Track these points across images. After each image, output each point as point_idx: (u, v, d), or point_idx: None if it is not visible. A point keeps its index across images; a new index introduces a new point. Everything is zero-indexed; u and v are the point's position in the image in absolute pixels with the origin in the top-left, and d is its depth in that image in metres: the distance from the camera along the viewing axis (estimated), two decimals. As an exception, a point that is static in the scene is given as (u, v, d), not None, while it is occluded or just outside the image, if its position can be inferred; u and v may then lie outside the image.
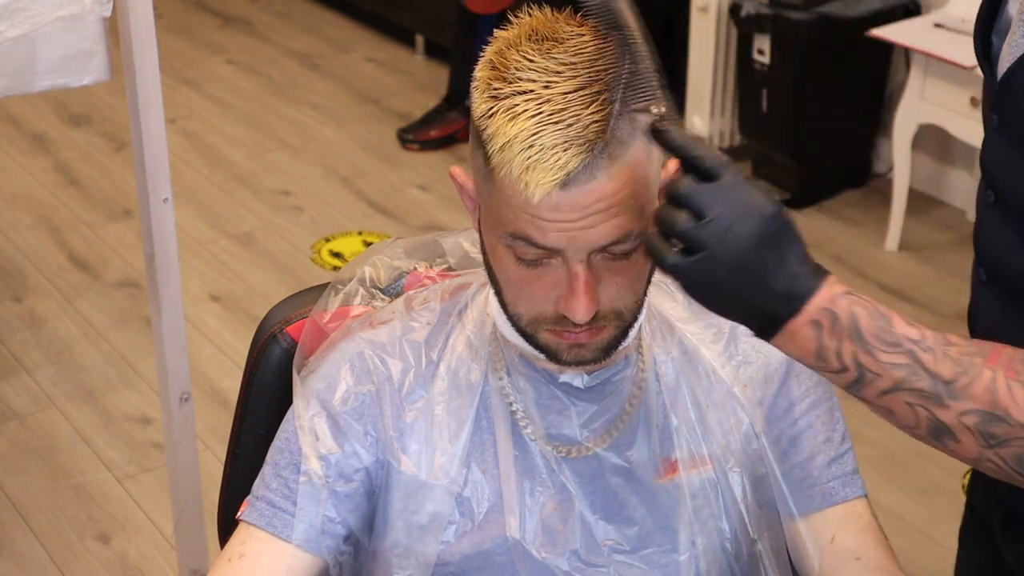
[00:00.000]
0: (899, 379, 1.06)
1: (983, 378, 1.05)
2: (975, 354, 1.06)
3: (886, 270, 3.70)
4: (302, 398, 1.28)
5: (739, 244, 1.04)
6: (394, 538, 1.28)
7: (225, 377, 3.21)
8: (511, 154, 1.10)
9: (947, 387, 1.05)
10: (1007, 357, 1.06)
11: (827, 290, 1.07)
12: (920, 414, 1.07)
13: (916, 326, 1.08)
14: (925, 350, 1.06)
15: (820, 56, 3.80)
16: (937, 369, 1.06)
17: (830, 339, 1.07)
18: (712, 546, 1.29)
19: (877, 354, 1.07)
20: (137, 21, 1.99)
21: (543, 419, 1.27)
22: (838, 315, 1.07)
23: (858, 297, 1.08)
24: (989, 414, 1.05)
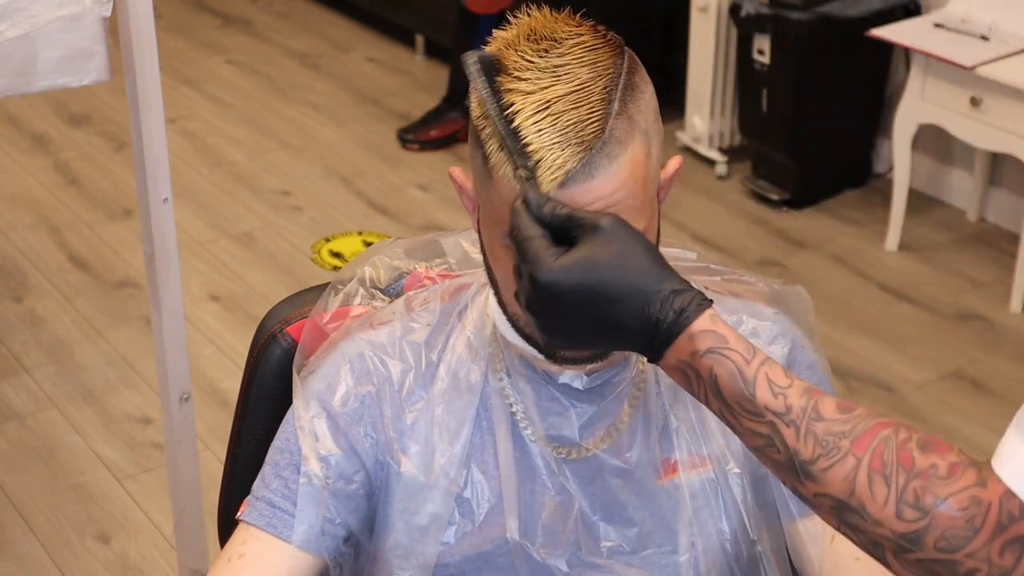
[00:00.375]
0: (760, 446, 1.01)
1: (845, 465, 0.97)
2: (843, 435, 0.98)
3: (886, 270, 3.70)
4: (302, 399, 1.28)
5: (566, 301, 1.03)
6: (394, 539, 1.28)
7: (225, 377, 3.21)
8: (508, 153, 1.10)
9: (804, 466, 0.98)
10: (879, 441, 0.97)
11: (686, 344, 1.01)
12: (783, 479, 1.02)
13: (783, 393, 1.00)
14: (788, 424, 0.99)
15: (820, 56, 3.81)
16: (797, 446, 0.99)
17: (698, 390, 1.03)
18: (712, 547, 1.29)
19: (739, 418, 1.01)
20: (137, 21, 1.99)
21: (543, 420, 1.27)
22: (700, 373, 1.02)
23: (721, 354, 1.01)
24: (844, 504, 0.97)
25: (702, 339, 1.01)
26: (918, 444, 0.97)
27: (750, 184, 4.05)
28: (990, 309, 3.52)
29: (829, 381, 1.34)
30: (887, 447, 0.97)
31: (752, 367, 1.01)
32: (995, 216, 3.90)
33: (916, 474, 0.95)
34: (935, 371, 3.28)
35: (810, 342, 1.34)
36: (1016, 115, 3.35)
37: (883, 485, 0.96)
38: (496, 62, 1.13)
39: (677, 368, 1.03)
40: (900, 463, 0.96)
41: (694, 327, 1.01)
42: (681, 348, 1.02)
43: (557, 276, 1.02)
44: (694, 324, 1.01)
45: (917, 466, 0.95)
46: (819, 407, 0.99)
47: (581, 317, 1.03)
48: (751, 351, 1.02)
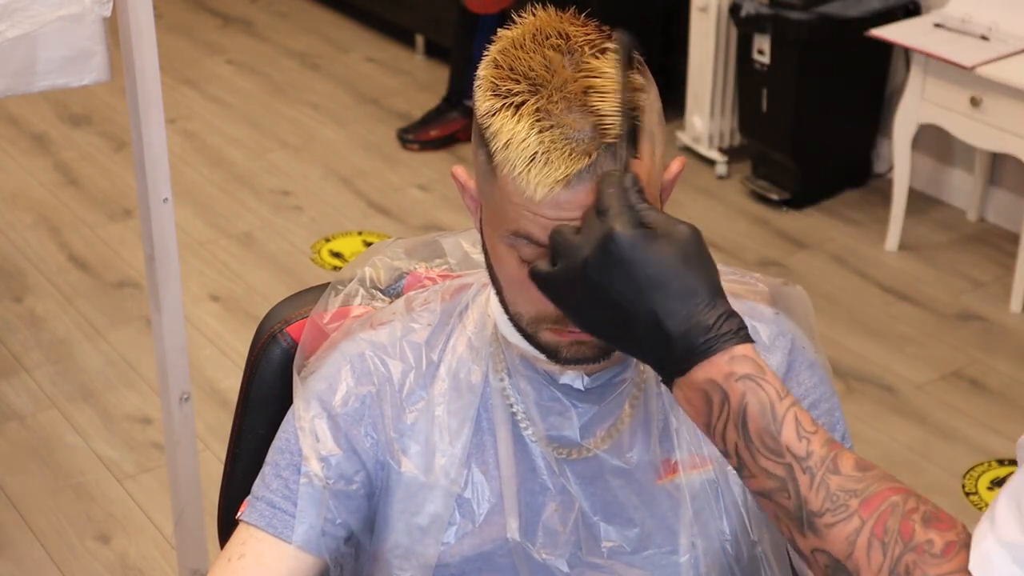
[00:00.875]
0: (770, 489, 0.99)
1: (849, 525, 0.96)
2: (854, 493, 0.97)
3: (886, 270, 3.70)
4: (302, 399, 1.28)
5: (609, 256, 1.01)
6: (395, 539, 1.28)
7: (225, 377, 3.21)
8: (514, 151, 1.10)
9: (810, 518, 0.97)
10: (886, 507, 0.96)
11: (725, 363, 0.99)
12: (782, 528, 1.00)
13: (807, 437, 0.98)
14: (805, 470, 0.98)
15: (820, 56, 3.81)
16: (808, 495, 0.97)
17: (718, 418, 1.01)
18: (712, 548, 1.28)
19: (756, 455, 0.99)
20: (137, 21, 1.99)
21: (544, 420, 1.27)
22: (729, 397, 0.99)
23: (758, 383, 0.99)
24: (840, 564, 0.96)
25: (742, 363, 1.00)
26: (923, 516, 0.96)
27: (750, 184, 4.05)
28: (990, 309, 3.52)
29: (829, 381, 1.34)
30: (893, 514, 0.96)
31: (784, 405, 1.00)
32: (995, 216, 3.90)
33: (912, 547, 0.94)
34: (935, 371, 3.28)
35: (810, 342, 1.34)
36: (1016, 115, 3.35)
37: (880, 553, 0.95)
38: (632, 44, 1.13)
39: (701, 387, 1.01)
40: (901, 533, 0.95)
41: (737, 349, 1.00)
42: (717, 366, 1.00)
43: (636, 239, 1.01)
44: (738, 347, 1.00)
45: (915, 539, 0.95)
46: (838, 460, 0.98)
47: (625, 297, 1.01)
48: (785, 390, 1.00)
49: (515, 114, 1.10)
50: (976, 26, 3.53)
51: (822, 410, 1.31)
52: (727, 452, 1.02)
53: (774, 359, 1.31)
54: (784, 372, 1.31)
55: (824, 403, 1.32)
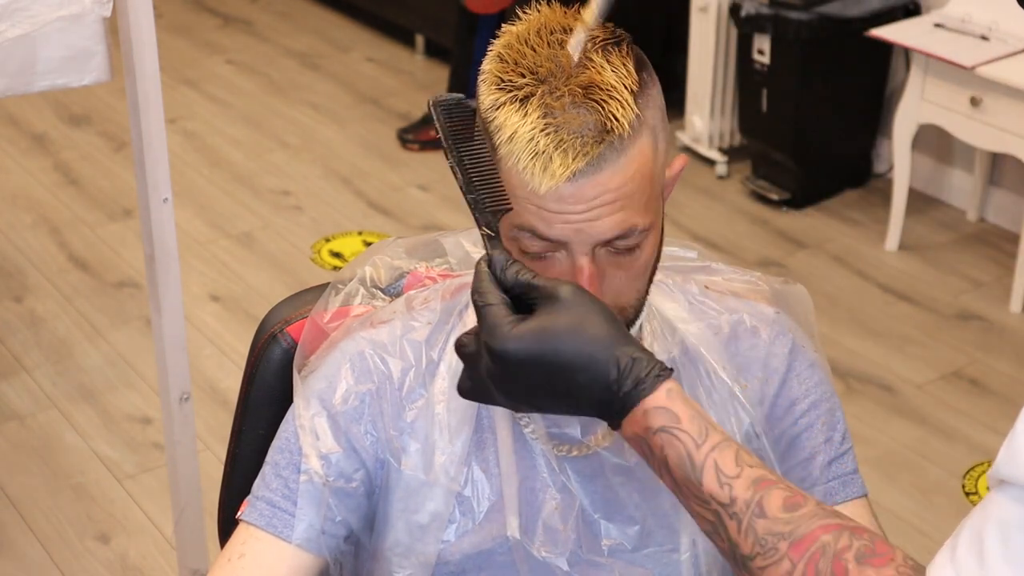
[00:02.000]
0: (707, 531, 1.00)
1: (780, 568, 0.95)
2: (782, 536, 0.95)
3: (886, 270, 3.70)
4: (302, 398, 1.28)
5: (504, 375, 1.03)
6: (395, 537, 1.28)
7: (225, 377, 3.21)
8: (519, 144, 1.11)
9: (744, 561, 0.97)
10: (816, 548, 0.95)
11: (640, 418, 1.00)
12: (731, 565, 1.01)
13: (729, 483, 0.98)
14: (731, 516, 0.97)
15: (820, 56, 3.81)
16: (738, 539, 0.97)
17: (653, 465, 1.02)
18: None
19: (689, 501, 1.00)
20: (137, 21, 1.99)
21: (544, 418, 1.27)
22: (652, 450, 1.00)
23: (673, 435, 0.99)
24: None
25: (655, 416, 1.00)
26: (856, 554, 0.94)
27: (750, 184, 4.05)
28: (990, 309, 3.52)
29: (829, 381, 1.34)
30: (823, 555, 0.94)
31: (702, 452, 0.99)
32: (995, 216, 3.90)
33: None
34: (935, 371, 3.28)
35: (810, 342, 1.34)
36: (1016, 115, 3.35)
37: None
38: (463, 103, 1.13)
39: (634, 439, 1.02)
40: (833, 573, 0.94)
41: (648, 402, 1.00)
42: (636, 421, 1.00)
43: (512, 345, 1.01)
44: (648, 399, 1.00)
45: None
46: (763, 503, 0.97)
47: (539, 386, 1.02)
48: (704, 433, 1.00)
49: (520, 108, 1.11)
50: (976, 26, 3.53)
51: (822, 410, 1.31)
52: (673, 492, 1.03)
53: (775, 359, 1.31)
54: (785, 372, 1.31)
55: (824, 403, 1.32)
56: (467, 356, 1.07)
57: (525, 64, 1.12)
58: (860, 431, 3.05)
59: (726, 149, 4.17)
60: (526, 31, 1.15)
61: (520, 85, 1.12)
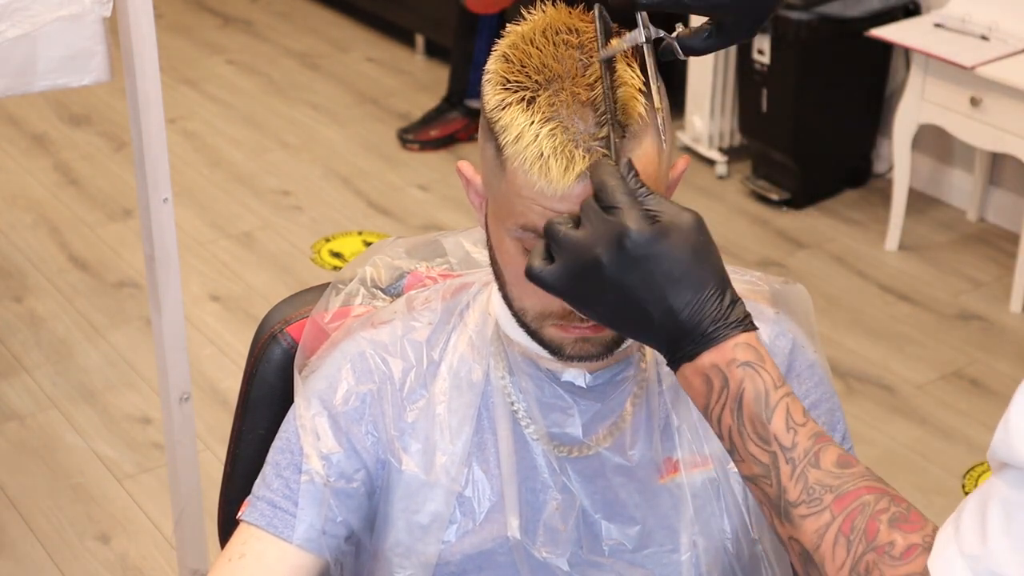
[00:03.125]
0: (756, 475, 1.02)
1: (820, 519, 0.99)
2: (830, 489, 0.99)
3: (886, 270, 3.70)
4: (303, 398, 1.28)
5: (596, 261, 1.02)
6: (395, 537, 1.28)
7: (225, 377, 3.21)
8: (525, 145, 1.10)
9: (787, 507, 1.00)
10: (857, 505, 0.98)
11: (730, 350, 1.02)
12: (765, 512, 1.03)
13: (795, 428, 1.01)
14: (788, 460, 1.00)
15: (820, 56, 3.81)
16: (787, 485, 1.00)
17: (716, 402, 1.03)
18: (713, 546, 1.28)
19: (747, 441, 1.02)
20: (137, 21, 1.99)
21: (545, 418, 1.27)
22: (729, 382, 1.02)
23: (757, 371, 1.02)
24: (809, 556, 0.99)
25: (745, 350, 1.03)
26: (891, 517, 0.97)
27: (750, 184, 4.05)
28: (990, 309, 3.52)
29: (829, 381, 1.34)
30: (862, 513, 0.98)
31: (778, 394, 1.02)
32: (995, 216, 3.90)
33: (874, 547, 0.96)
34: (935, 371, 3.28)
35: (811, 342, 1.34)
36: (1016, 115, 3.35)
37: (845, 549, 0.97)
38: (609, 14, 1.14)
39: (705, 372, 1.03)
40: (866, 532, 0.97)
41: (741, 337, 1.03)
42: (722, 352, 1.02)
43: (648, 236, 1.02)
44: (742, 335, 1.03)
45: (878, 539, 0.96)
46: (820, 454, 1.00)
47: (637, 289, 1.03)
48: (781, 380, 1.03)
49: (526, 108, 1.11)
50: (976, 26, 3.53)
51: (822, 410, 1.31)
52: (721, 435, 1.04)
53: (775, 359, 1.30)
54: (784, 372, 1.31)
55: (824, 403, 1.32)
56: (568, 235, 1.05)
57: (531, 64, 1.12)
58: (860, 431, 3.05)
59: (726, 149, 4.17)
60: (531, 31, 1.15)
61: (526, 85, 1.11)
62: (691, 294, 1.02)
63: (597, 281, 1.04)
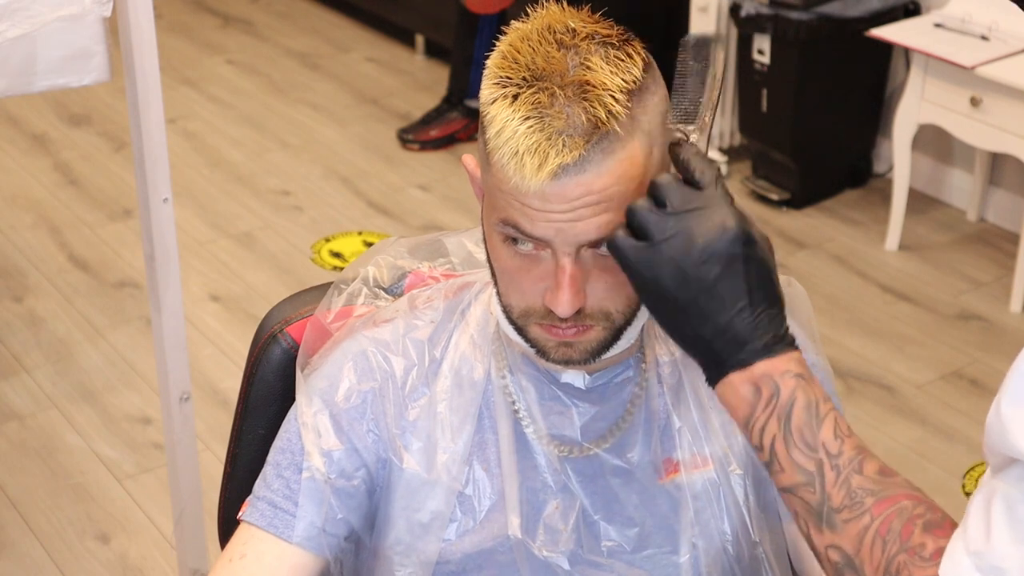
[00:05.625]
0: (797, 483, 1.05)
1: (861, 522, 1.01)
2: (871, 493, 1.02)
3: (886, 270, 3.70)
4: (305, 396, 1.28)
5: (684, 247, 1.06)
6: (395, 536, 1.28)
7: (225, 377, 3.21)
8: (505, 140, 1.11)
9: (830, 514, 1.03)
10: (895, 509, 1.01)
11: (782, 362, 1.06)
12: (801, 524, 1.05)
13: (842, 438, 1.05)
14: (833, 467, 1.03)
15: (820, 56, 3.81)
16: (831, 491, 1.03)
17: (762, 411, 1.06)
18: (713, 548, 1.28)
19: (791, 449, 1.05)
20: (137, 21, 1.99)
21: (545, 419, 1.27)
22: (780, 391, 1.06)
23: (808, 384, 1.06)
24: (849, 560, 1.01)
25: (797, 364, 1.07)
26: (925, 522, 1.00)
27: (750, 184, 4.05)
28: (990, 309, 3.52)
29: (830, 382, 1.34)
30: (899, 516, 1.01)
31: (826, 407, 1.06)
32: (995, 216, 3.90)
33: (906, 548, 0.99)
34: (935, 371, 3.28)
35: (811, 343, 1.34)
36: (1016, 115, 3.35)
37: (880, 550, 1.00)
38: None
39: (755, 381, 1.06)
40: (901, 534, 1.00)
41: (794, 354, 1.07)
42: (776, 363, 1.06)
43: (752, 239, 1.07)
44: (795, 352, 1.07)
45: (911, 541, 0.99)
46: (863, 463, 1.04)
47: (731, 289, 1.06)
48: (827, 397, 1.07)
49: (511, 104, 1.11)
50: (976, 26, 3.53)
51: (823, 410, 1.31)
52: (761, 445, 1.06)
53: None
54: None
55: (825, 403, 1.32)
56: (663, 221, 1.07)
57: (522, 62, 1.12)
58: (860, 431, 3.02)
59: (726, 149, 4.17)
60: (530, 30, 1.15)
61: (514, 81, 1.12)
62: (768, 306, 1.07)
63: (681, 270, 1.06)
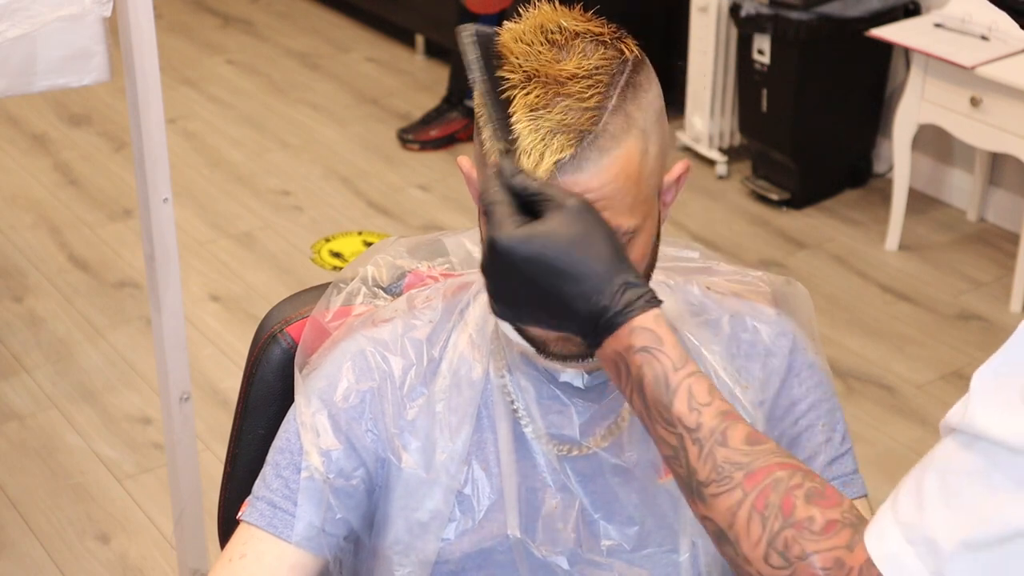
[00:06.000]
0: (667, 456, 1.03)
1: (732, 496, 0.98)
2: (739, 466, 0.99)
3: (886, 270, 3.70)
4: (303, 396, 1.28)
5: (489, 250, 1.06)
6: (394, 535, 1.28)
7: (225, 377, 3.21)
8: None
9: (698, 487, 1.01)
10: (770, 481, 0.98)
11: (626, 336, 1.03)
12: (683, 494, 1.04)
13: (698, 409, 1.01)
14: (694, 441, 1.01)
15: (820, 56, 3.81)
16: (696, 465, 1.00)
17: (625, 386, 1.05)
18: (712, 546, 1.28)
19: (655, 424, 1.03)
20: (137, 21, 1.99)
21: (544, 418, 1.27)
22: (630, 368, 1.04)
23: (654, 355, 1.03)
24: (724, 533, 0.99)
25: (640, 336, 1.03)
26: (806, 493, 0.97)
27: (750, 184, 4.05)
28: (990, 309, 3.52)
29: (829, 381, 1.34)
30: (775, 489, 0.98)
31: (678, 376, 1.03)
32: (995, 216, 3.90)
33: (792, 523, 0.96)
34: (935, 371, 3.28)
35: (811, 342, 1.34)
36: (1016, 115, 3.35)
37: (760, 525, 0.97)
38: (494, 35, 1.16)
39: (612, 359, 1.05)
40: (781, 508, 0.97)
41: (636, 322, 1.03)
42: (620, 339, 1.04)
43: (514, 243, 1.04)
44: (636, 319, 1.03)
45: (795, 515, 0.96)
46: (727, 433, 1.00)
47: (531, 290, 1.05)
48: (683, 360, 1.03)
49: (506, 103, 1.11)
50: (976, 26, 3.53)
51: (823, 410, 1.31)
52: (639, 417, 1.06)
53: (775, 359, 1.31)
54: (785, 372, 1.31)
55: (824, 403, 1.32)
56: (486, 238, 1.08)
57: (515, 61, 1.12)
58: (860, 431, 3.05)
59: (726, 149, 4.17)
60: (522, 29, 1.15)
61: (508, 82, 1.12)
62: (575, 287, 1.04)
63: (489, 283, 1.08)
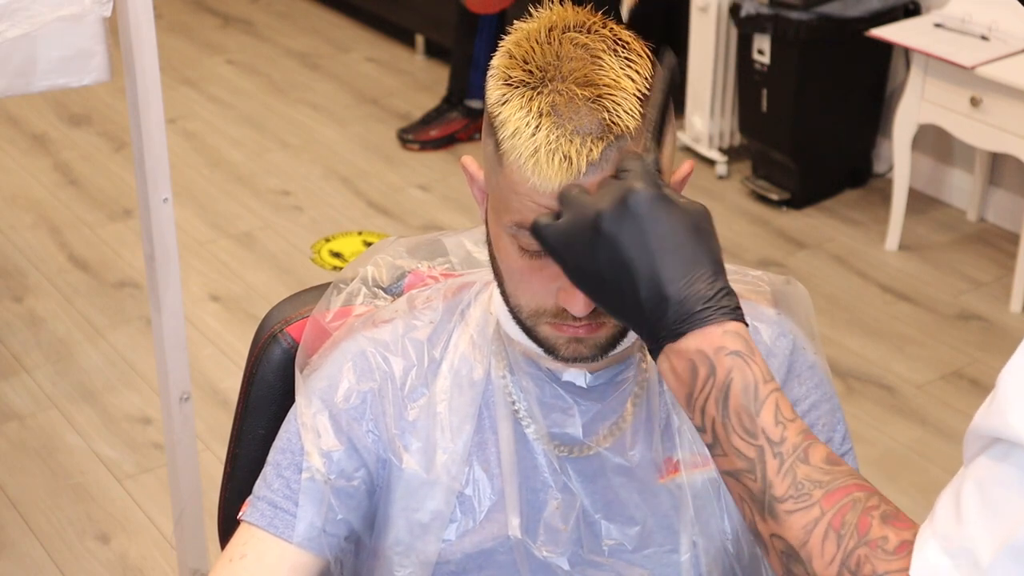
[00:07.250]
0: (739, 469, 1.00)
1: (809, 514, 0.97)
2: (819, 484, 0.97)
3: (886, 270, 3.70)
4: (304, 396, 1.28)
5: (590, 218, 1.03)
6: (395, 536, 1.28)
7: (225, 377, 3.21)
8: (521, 141, 1.10)
9: (772, 503, 0.98)
10: (848, 501, 0.97)
11: (718, 336, 1.00)
12: (744, 510, 1.01)
13: (784, 423, 0.99)
14: (775, 455, 0.98)
15: (820, 56, 3.81)
16: (774, 479, 0.98)
17: (700, 391, 1.01)
18: (714, 546, 1.28)
19: (731, 434, 1.00)
20: (137, 21, 1.99)
21: (545, 418, 1.27)
22: (716, 370, 1.00)
23: (746, 362, 1.00)
24: (794, 552, 0.97)
25: (734, 339, 1.01)
26: (882, 514, 0.97)
27: (750, 184, 4.05)
28: (990, 309, 3.52)
29: (829, 382, 1.34)
30: (853, 509, 0.97)
31: (767, 388, 1.00)
32: (995, 216, 3.90)
33: (866, 542, 0.95)
34: (935, 371, 3.28)
35: (811, 343, 1.34)
36: (1016, 115, 3.35)
37: (835, 544, 0.96)
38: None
39: (690, 357, 1.01)
40: (857, 527, 0.96)
41: (731, 325, 1.01)
42: (710, 337, 1.00)
43: (655, 198, 1.02)
44: (731, 323, 1.01)
45: (870, 535, 0.95)
46: (809, 451, 0.99)
47: (636, 250, 1.01)
48: (770, 374, 1.01)
49: (525, 105, 1.11)
50: (976, 26, 3.53)
51: (823, 411, 1.31)
52: (703, 427, 1.02)
53: (776, 360, 1.31)
54: (786, 372, 1.31)
55: (825, 404, 1.32)
56: (578, 195, 1.06)
57: (533, 61, 1.12)
58: (860, 431, 3.05)
59: (726, 149, 4.17)
60: (537, 29, 1.15)
61: (527, 82, 1.12)
62: (682, 268, 1.01)
63: (590, 237, 1.03)
